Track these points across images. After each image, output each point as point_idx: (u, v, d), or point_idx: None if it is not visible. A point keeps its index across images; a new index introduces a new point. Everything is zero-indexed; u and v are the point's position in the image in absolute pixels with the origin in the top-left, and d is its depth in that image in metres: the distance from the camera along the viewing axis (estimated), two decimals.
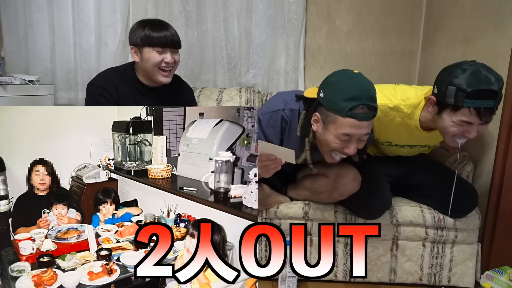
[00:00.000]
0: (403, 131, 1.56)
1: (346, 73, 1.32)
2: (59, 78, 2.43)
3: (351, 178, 1.55)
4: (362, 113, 1.25)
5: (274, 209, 1.67)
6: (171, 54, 1.69)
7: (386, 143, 1.67)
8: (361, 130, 1.29)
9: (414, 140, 1.62)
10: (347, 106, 1.25)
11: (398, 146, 1.67)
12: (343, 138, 1.31)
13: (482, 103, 1.28)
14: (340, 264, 1.69)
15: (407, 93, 1.54)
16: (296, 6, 2.36)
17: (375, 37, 2.40)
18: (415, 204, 1.68)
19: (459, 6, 2.02)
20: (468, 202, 1.60)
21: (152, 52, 1.66)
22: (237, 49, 2.44)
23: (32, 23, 2.37)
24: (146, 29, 1.66)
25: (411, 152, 1.73)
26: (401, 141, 1.63)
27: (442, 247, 1.67)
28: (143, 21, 1.73)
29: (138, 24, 1.70)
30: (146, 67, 1.69)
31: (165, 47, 1.67)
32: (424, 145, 1.68)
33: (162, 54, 1.67)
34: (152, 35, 1.65)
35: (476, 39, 1.86)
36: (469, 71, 1.30)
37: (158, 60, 1.67)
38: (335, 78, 1.32)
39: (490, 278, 1.64)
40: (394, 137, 1.62)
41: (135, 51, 1.71)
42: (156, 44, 1.66)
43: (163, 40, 1.66)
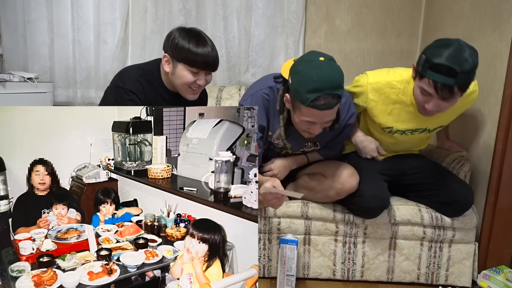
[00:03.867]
0: (400, 111, 1.60)
1: (311, 62, 1.33)
2: (58, 75, 2.42)
3: (348, 175, 1.56)
4: (324, 104, 1.31)
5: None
6: (205, 75, 1.56)
7: (387, 130, 1.67)
8: (324, 118, 1.38)
9: (413, 121, 1.62)
10: (310, 98, 1.30)
11: (400, 133, 1.66)
12: (307, 123, 1.40)
13: (440, 77, 1.35)
14: (339, 263, 1.71)
15: (400, 71, 1.60)
16: (296, 6, 2.36)
17: (374, 37, 2.40)
18: (413, 204, 1.70)
19: (458, 7, 2.03)
20: (464, 201, 1.61)
21: (186, 71, 1.52)
22: (236, 48, 2.44)
23: (31, 20, 2.36)
24: (189, 43, 1.49)
25: (413, 141, 1.73)
26: (401, 125, 1.64)
27: (440, 246, 1.69)
28: (186, 31, 1.53)
29: (180, 33, 1.52)
30: (175, 82, 1.57)
31: (202, 69, 1.53)
32: (424, 128, 1.65)
33: (196, 75, 1.53)
34: (193, 53, 1.48)
35: (475, 40, 1.86)
36: (452, 48, 1.35)
37: (191, 81, 1.54)
38: (301, 67, 1.34)
39: (487, 277, 1.66)
40: (393, 120, 1.63)
41: (167, 60, 1.55)
42: (194, 65, 1.50)
43: (203, 62, 1.50)
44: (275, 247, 1.70)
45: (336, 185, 1.57)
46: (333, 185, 1.57)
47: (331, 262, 1.71)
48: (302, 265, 1.72)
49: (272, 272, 1.72)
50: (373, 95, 1.58)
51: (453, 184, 1.62)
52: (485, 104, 1.77)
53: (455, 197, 1.59)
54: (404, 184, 1.75)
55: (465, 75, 1.34)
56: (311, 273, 1.72)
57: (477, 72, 1.80)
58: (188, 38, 1.49)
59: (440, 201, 1.63)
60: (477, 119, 1.82)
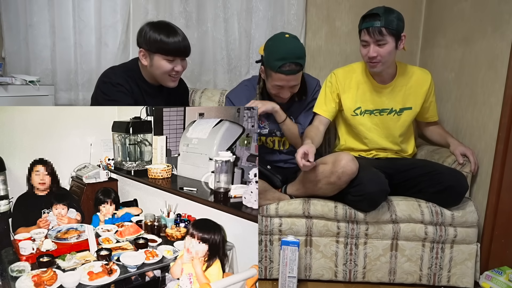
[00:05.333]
0: (365, 89, 1.84)
1: (279, 37, 1.71)
2: (60, 78, 2.43)
3: (348, 159, 1.57)
4: (289, 70, 1.63)
5: (274, 206, 1.67)
6: (181, 62, 1.71)
7: (357, 110, 1.85)
8: (290, 82, 1.69)
9: (376, 100, 1.84)
10: (277, 65, 1.63)
11: (369, 113, 1.84)
12: (277, 87, 1.71)
13: (368, 24, 1.67)
14: (340, 264, 1.70)
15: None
16: (296, 8, 2.36)
17: None
18: (412, 199, 1.69)
19: (459, 8, 2.03)
20: (458, 185, 1.60)
21: (162, 60, 1.66)
22: (237, 50, 2.44)
23: (33, 24, 2.37)
24: (160, 35, 1.63)
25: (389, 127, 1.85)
26: (368, 104, 1.84)
27: (442, 247, 1.68)
28: (155, 25, 1.68)
29: (150, 28, 1.66)
30: (155, 73, 1.71)
31: (177, 56, 1.68)
32: (390, 108, 1.84)
33: (173, 62, 1.67)
34: (165, 43, 1.63)
35: (476, 40, 1.87)
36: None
37: (169, 69, 1.68)
38: (271, 42, 1.71)
39: (489, 278, 1.64)
40: (360, 100, 1.84)
41: (143, 54, 1.69)
42: (169, 53, 1.65)
43: (176, 49, 1.66)
44: (277, 248, 1.69)
45: (337, 169, 1.56)
46: (334, 170, 1.57)
47: (332, 263, 1.70)
48: (303, 267, 1.71)
49: (274, 273, 1.71)
50: (340, 79, 1.86)
51: (445, 171, 1.65)
52: (486, 105, 1.76)
53: (449, 183, 1.59)
54: (399, 182, 1.74)
55: (388, 18, 1.64)
56: (312, 275, 1.71)
57: (477, 73, 1.83)
58: (157, 30, 1.64)
59: (435, 191, 1.63)
60: (478, 119, 1.82)
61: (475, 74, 1.85)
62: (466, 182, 1.63)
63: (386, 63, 1.73)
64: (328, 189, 1.64)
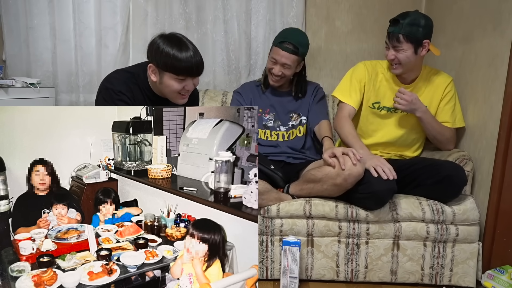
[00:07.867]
0: (386, 88, 1.88)
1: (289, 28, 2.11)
2: (60, 80, 2.44)
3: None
4: (286, 47, 1.85)
5: (275, 207, 1.67)
6: (193, 80, 1.56)
7: (376, 105, 1.89)
8: (282, 58, 1.87)
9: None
10: (278, 40, 1.89)
11: (386, 110, 1.88)
12: (272, 60, 1.91)
13: (389, 28, 1.75)
14: (342, 264, 1.69)
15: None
16: (296, 8, 2.37)
17: (375, 37, 2.40)
18: (413, 197, 1.69)
19: (458, 6, 2.03)
20: (456, 174, 1.60)
21: (172, 80, 1.52)
22: (237, 52, 2.44)
23: (33, 26, 2.38)
24: (172, 52, 1.47)
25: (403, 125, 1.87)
26: (387, 101, 1.87)
27: (443, 246, 1.67)
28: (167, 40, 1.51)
29: (162, 43, 1.49)
30: (164, 91, 1.58)
31: (188, 75, 1.53)
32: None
33: (183, 82, 1.53)
34: (177, 60, 1.47)
35: (475, 39, 1.86)
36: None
37: (179, 89, 1.54)
38: (282, 30, 2.01)
39: (492, 277, 1.63)
40: (381, 96, 1.89)
41: (153, 70, 1.54)
42: (180, 72, 1.50)
43: (187, 68, 1.50)
44: (278, 249, 1.68)
45: (343, 171, 1.55)
46: (340, 172, 1.56)
47: (334, 263, 1.69)
48: (305, 267, 1.70)
49: (275, 274, 1.70)
50: (369, 70, 1.90)
51: (444, 162, 1.68)
52: (487, 103, 1.76)
53: (447, 172, 1.60)
54: (399, 180, 1.73)
55: (408, 26, 1.68)
56: (314, 275, 1.71)
57: (478, 71, 1.82)
58: (169, 46, 1.48)
59: (433, 182, 1.63)
60: (479, 118, 1.81)
61: (475, 73, 1.85)
62: (464, 174, 1.62)
63: (406, 66, 1.77)
64: (333, 190, 1.63)
